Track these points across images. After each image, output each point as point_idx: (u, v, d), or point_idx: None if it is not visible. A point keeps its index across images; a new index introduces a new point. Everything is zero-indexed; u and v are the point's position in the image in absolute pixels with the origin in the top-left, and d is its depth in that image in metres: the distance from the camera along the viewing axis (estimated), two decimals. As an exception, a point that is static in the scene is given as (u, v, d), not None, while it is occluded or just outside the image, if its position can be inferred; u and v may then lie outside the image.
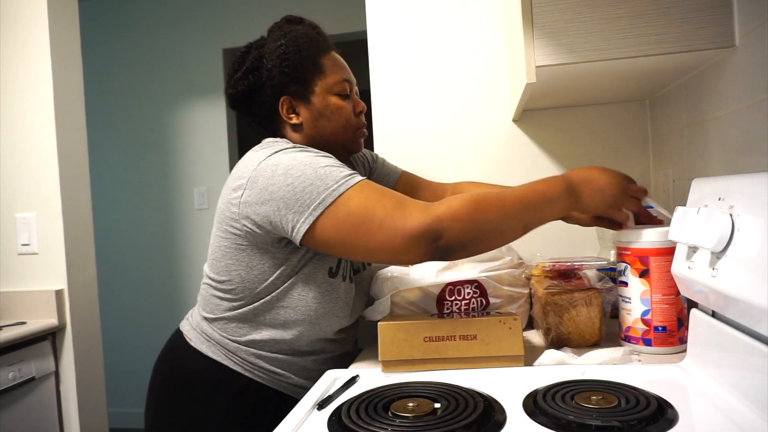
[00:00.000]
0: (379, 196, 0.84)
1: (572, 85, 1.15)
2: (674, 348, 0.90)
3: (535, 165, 1.44)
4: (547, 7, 0.92)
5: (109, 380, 2.14)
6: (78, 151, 1.93)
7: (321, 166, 0.86)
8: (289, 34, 1.01)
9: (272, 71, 0.99)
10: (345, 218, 0.83)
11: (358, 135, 1.05)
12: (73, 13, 1.96)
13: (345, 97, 1.03)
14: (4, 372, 1.58)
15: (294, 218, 0.86)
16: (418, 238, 0.80)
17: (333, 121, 1.01)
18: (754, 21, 0.82)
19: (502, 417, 0.67)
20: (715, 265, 0.68)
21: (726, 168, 0.95)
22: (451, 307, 1.05)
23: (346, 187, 0.84)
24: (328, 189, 0.84)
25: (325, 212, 0.84)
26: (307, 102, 1.00)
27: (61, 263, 1.82)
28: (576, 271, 1.08)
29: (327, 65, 1.02)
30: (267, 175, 0.88)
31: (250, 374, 0.98)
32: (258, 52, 1.02)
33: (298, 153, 0.90)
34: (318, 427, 0.68)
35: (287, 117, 1.01)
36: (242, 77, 1.01)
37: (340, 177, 0.85)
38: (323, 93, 1.01)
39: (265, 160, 0.90)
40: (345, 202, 0.84)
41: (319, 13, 3.10)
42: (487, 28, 1.45)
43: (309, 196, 0.85)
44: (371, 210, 0.82)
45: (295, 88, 1.00)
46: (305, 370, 1.02)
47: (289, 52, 0.99)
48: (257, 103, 1.02)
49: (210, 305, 1.01)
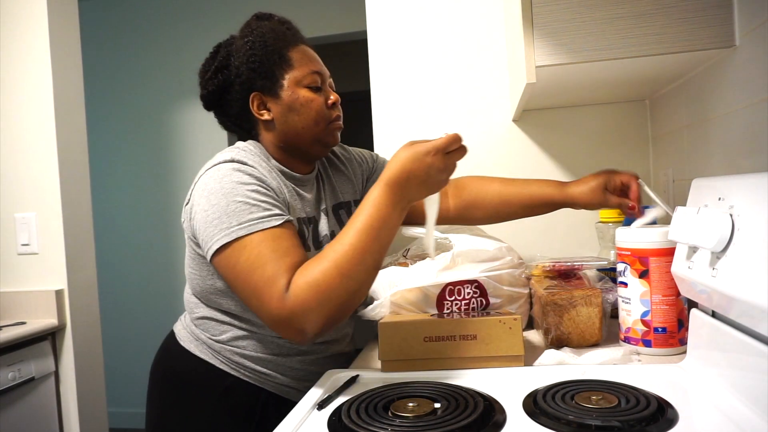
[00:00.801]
0: (267, 260, 0.82)
1: (572, 85, 1.15)
2: (674, 349, 0.90)
3: (535, 165, 1.44)
4: (547, 7, 0.92)
5: (109, 380, 2.13)
6: (78, 151, 1.93)
7: (235, 201, 0.86)
8: (257, 30, 1.00)
9: (240, 68, 0.98)
10: (234, 265, 0.84)
11: (332, 127, 1.03)
12: (73, 13, 1.96)
13: (316, 90, 1.01)
14: (4, 372, 1.58)
15: (203, 244, 0.89)
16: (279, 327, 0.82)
17: (303, 115, 0.99)
18: (754, 21, 0.82)
19: (502, 417, 0.67)
20: (715, 265, 0.68)
21: (726, 168, 0.95)
22: (451, 307, 1.05)
23: (245, 232, 0.84)
24: (229, 228, 0.85)
25: (221, 249, 0.85)
26: (276, 96, 0.99)
27: (61, 263, 1.82)
28: (576, 271, 1.08)
29: (295, 58, 1.00)
30: (197, 194, 0.91)
31: (237, 373, 0.99)
32: (226, 51, 1.01)
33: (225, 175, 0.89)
34: (318, 427, 0.68)
35: (258, 113, 1.00)
36: (212, 77, 1.01)
37: (244, 220, 0.85)
38: (292, 86, 0.99)
39: (204, 175, 0.92)
40: (239, 248, 0.84)
41: (319, 13, 3.10)
42: (487, 28, 1.45)
43: (213, 229, 0.86)
44: (252, 271, 0.82)
45: (263, 83, 0.99)
46: (292, 370, 1.01)
47: (256, 48, 0.98)
48: (228, 101, 1.02)
49: (190, 305, 1.04)
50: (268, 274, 0.81)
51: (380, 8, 1.50)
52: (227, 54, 1.00)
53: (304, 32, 1.09)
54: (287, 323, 0.80)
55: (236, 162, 0.91)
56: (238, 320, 0.99)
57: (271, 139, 1.01)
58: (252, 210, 0.86)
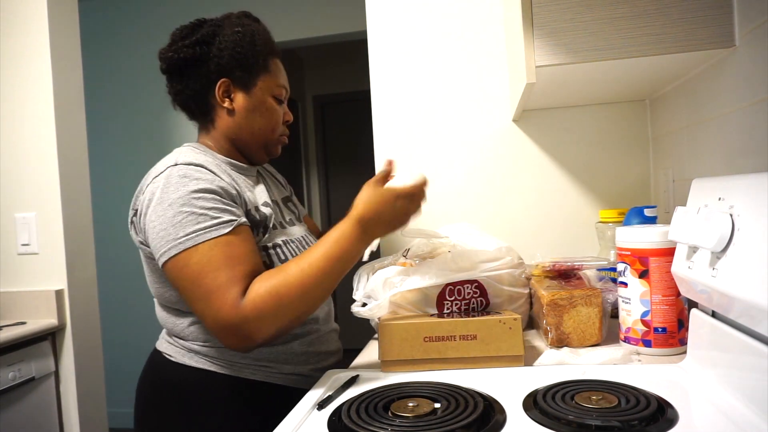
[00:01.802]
0: (219, 265, 0.85)
1: (572, 85, 1.15)
2: (674, 349, 0.90)
3: (535, 165, 1.44)
4: (547, 7, 0.92)
5: (109, 380, 2.13)
6: (78, 151, 1.92)
7: (181, 211, 0.87)
8: (248, 26, 1.04)
9: (223, 51, 1.00)
10: (183, 270, 0.86)
11: (280, 140, 1.10)
12: (73, 13, 1.96)
13: (279, 102, 1.07)
14: (4, 372, 1.58)
15: (154, 254, 0.90)
16: (226, 333, 0.84)
17: (265, 119, 1.05)
18: (754, 21, 0.82)
19: (502, 417, 0.67)
20: (715, 265, 0.68)
21: (726, 168, 0.95)
22: (451, 307, 1.05)
23: (192, 243, 0.86)
24: (175, 240, 0.86)
25: (172, 257, 0.87)
26: (247, 92, 1.03)
27: (61, 263, 1.81)
28: (576, 271, 1.08)
29: (273, 68, 1.06)
30: (144, 204, 0.92)
31: (239, 373, 0.97)
32: (212, 30, 1.02)
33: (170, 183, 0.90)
34: (318, 427, 0.68)
35: (221, 99, 1.02)
36: (190, 45, 1.01)
37: (190, 231, 0.86)
38: (264, 90, 1.04)
39: (149, 186, 0.93)
40: (187, 257, 0.86)
41: (320, 13, 3.11)
42: (487, 28, 1.45)
43: (160, 241, 0.88)
44: (203, 276, 0.84)
45: (239, 75, 1.02)
46: (295, 356, 1.01)
47: (245, 42, 1.01)
48: (195, 74, 1.02)
49: (169, 323, 1.01)
50: (221, 280, 0.84)
51: (380, 8, 1.50)
52: (213, 33, 1.02)
53: (304, 32, 1.10)
54: (236, 329, 0.83)
55: (181, 165, 0.92)
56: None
57: (225, 128, 1.04)
58: (199, 220, 0.87)
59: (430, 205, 1.47)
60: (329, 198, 4.70)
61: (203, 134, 1.08)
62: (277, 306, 0.83)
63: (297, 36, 3.17)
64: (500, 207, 1.46)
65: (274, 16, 3.22)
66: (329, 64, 4.65)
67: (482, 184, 1.47)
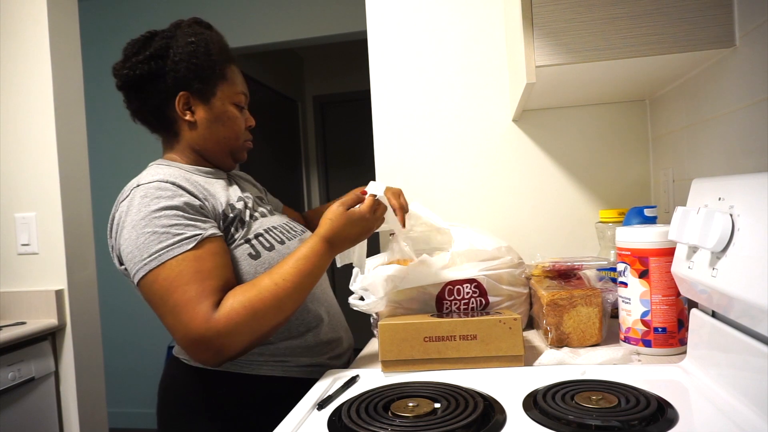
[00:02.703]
0: (188, 280, 0.86)
1: (572, 85, 1.15)
2: (674, 349, 0.90)
3: (535, 165, 1.44)
4: (547, 7, 0.92)
5: (109, 380, 2.13)
6: (78, 151, 1.92)
7: (144, 233, 0.89)
8: (201, 35, 1.03)
9: (178, 64, 1.00)
10: (150, 289, 0.88)
11: (245, 146, 1.11)
12: (73, 13, 1.96)
13: (240, 109, 1.08)
14: (4, 372, 1.58)
15: (129, 275, 0.92)
16: (197, 347, 0.85)
17: (227, 128, 1.05)
18: (754, 21, 0.82)
19: (502, 417, 0.67)
20: (715, 265, 0.68)
21: (726, 168, 0.95)
22: (450, 307, 1.05)
23: (156, 263, 0.87)
24: (141, 261, 0.88)
25: (141, 280, 0.89)
26: (207, 103, 1.03)
27: (61, 263, 1.81)
28: (576, 271, 1.08)
29: (230, 75, 1.06)
30: (115, 228, 0.94)
31: (257, 371, 0.98)
32: (165, 42, 1.01)
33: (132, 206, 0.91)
34: (318, 427, 0.68)
35: (182, 112, 1.02)
36: (144, 61, 1.00)
37: (153, 251, 0.87)
38: (223, 99, 1.04)
39: (118, 208, 0.94)
40: (155, 276, 0.87)
41: (320, 13, 3.11)
42: (487, 28, 1.45)
43: (130, 263, 0.90)
44: (171, 291, 0.86)
45: (198, 87, 1.02)
46: (309, 348, 1.02)
47: (199, 52, 1.01)
48: (153, 90, 1.01)
49: None
50: (191, 294, 0.85)
51: (380, 8, 1.50)
52: (166, 46, 1.01)
53: (304, 32, 1.11)
54: (208, 342, 0.84)
55: (143, 186, 0.93)
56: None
57: (190, 140, 1.05)
58: (161, 239, 0.88)
59: (429, 205, 1.47)
60: (329, 198, 4.70)
61: (168, 149, 1.08)
62: (252, 319, 0.86)
63: (297, 36, 3.17)
64: (500, 207, 1.46)
65: (274, 16, 3.22)
66: (329, 64, 4.64)
67: (482, 184, 1.47)
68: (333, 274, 4.67)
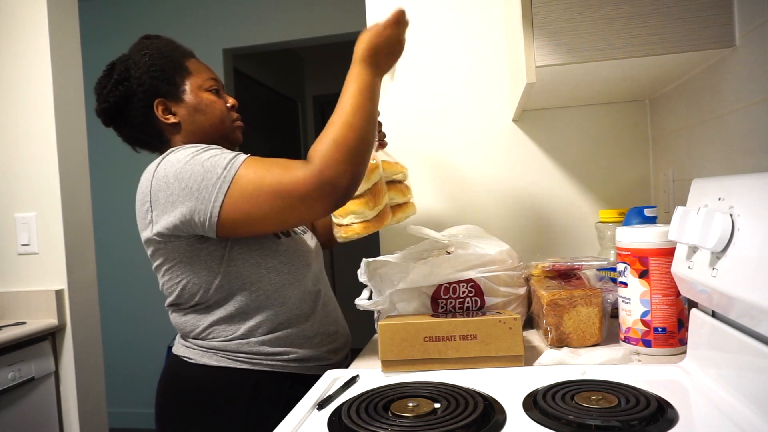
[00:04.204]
0: (266, 167, 0.91)
1: (572, 85, 1.15)
2: (674, 349, 0.90)
3: (535, 165, 1.44)
4: (547, 7, 0.92)
5: (109, 380, 2.13)
6: (78, 151, 1.93)
7: (205, 159, 0.92)
8: (151, 45, 1.08)
9: (142, 77, 1.04)
10: (241, 195, 0.90)
11: (235, 126, 1.12)
12: (73, 13, 1.95)
13: (216, 93, 1.09)
14: (4, 372, 1.58)
15: (201, 215, 0.91)
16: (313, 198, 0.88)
17: (209, 114, 1.07)
18: (754, 21, 0.82)
19: (502, 417, 0.67)
20: (715, 265, 0.68)
21: (726, 168, 0.95)
22: (445, 306, 1.05)
23: (234, 169, 0.91)
24: (219, 177, 0.90)
25: (225, 198, 0.90)
26: (180, 101, 1.06)
27: (61, 263, 1.81)
28: (576, 271, 1.08)
29: (192, 67, 1.09)
30: (163, 188, 0.94)
31: (259, 366, 0.99)
32: (123, 65, 1.06)
33: (180, 155, 0.95)
34: (318, 427, 0.68)
35: (164, 118, 1.05)
36: (112, 89, 1.05)
37: (225, 163, 0.91)
38: (194, 90, 1.07)
39: (155, 176, 0.95)
40: (237, 182, 0.90)
41: (320, 13, 3.11)
42: (487, 28, 1.45)
43: (206, 190, 0.91)
44: (262, 181, 0.89)
45: (167, 89, 1.05)
46: (308, 340, 1.04)
47: (155, 58, 1.06)
48: (132, 111, 1.06)
49: (188, 326, 1.03)
50: (278, 170, 0.90)
51: (380, 8, 1.50)
52: (125, 68, 1.06)
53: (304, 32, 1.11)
54: (320, 187, 0.88)
55: (169, 155, 0.96)
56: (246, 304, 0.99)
57: (183, 140, 1.07)
58: (223, 155, 0.93)
59: (430, 205, 1.47)
60: (329, 198, 4.69)
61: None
62: (341, 150, 0.88)
63: (297, 36, 3.17)
64: (500, 207, 1.46)
65: (274, 16, 3.22)
66: (329, 64, 4.64)
67: (482, 184, 1.47)
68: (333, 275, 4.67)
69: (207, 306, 1.00)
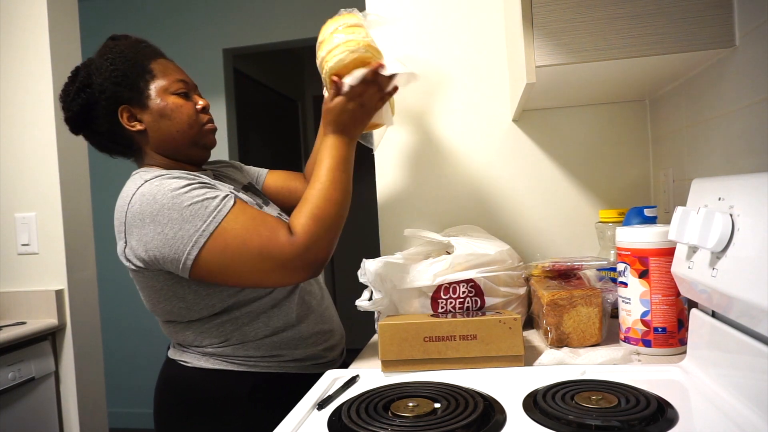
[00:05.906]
0: (254, 226, 0.90)
1: (572, 85, 1.15)
2: (674, 349, 0.90)
3: (535, 165, 1.44)
4: (547, 7, 0.92)
5: (109, 380, 2.13)
6: (78, 151, 1.93)
7: (185, 206, 0.89)
8: (114, 48, 1.03)
9: (104, 84, 0.99)
10: (224, 249, 0.89)
11: (206, 129, 1.06)
12: (73, 13, 1.96)
13: (184, 96, 1.04)
14: (4, 372, 1.58)
15: (173, 264, 0.90)
16: (295, 269, 0.91)
17: (175, 120, 1.01)
18: (754, 21, 0.82)
19: (502, 417, 0.67)
20: (715, 265, 0.68)
21: (726, 168, 0.95)
22: (445, 306, 1.05)
23: (220, 218, 0.89)
24: (198, 230, 0.88)
25: (202, 249, 0.88)
26: (145, 107, 1.01)
27: (61, 263, 1.82)
28: (576, 271, 1.08)
29: (157, 69, 1.03)
30: (138, 225, 0.91)
31: (256, 369, 0.99)
32: (86, 71, 1.02)
33: (158, 190, 0.90)
34: (318, 427, 0.68)
35: (129, 125, 1.01)
36: (75, 97, 1.01)
37: (207, 213, 0.89)
38: (160, 95, 1.01)
39: (129, 209, 0.92)
40: (222, 234, 0.89)
41: (320, 13, 3.10)
42: (487, 28, 1.45)
43: (181, 241, 0.88)
44: (248, 240, 0.89)
45: (130, 95, 1.00)
46: (303, 340, 1.03)
47: (117, 63, 1.00)
48: (96, 119, 1.02)
49: (180, 338, 1.02)
50: (265, 233, 0.89)
51: (380, 8, 1.50)
52: (87, 74, 1.01)
53: (304, 32, 1.10)
54: (302, 259, 0.90)
55: (148, 182, 0.92)
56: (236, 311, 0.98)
57: (153, 146, 1.03)
58: (205, 204, 0.89)
59: (430, 205, 1.47)
60: (329, 198, 4.69)
61: (141, 164, 1.07)
62: (321, 225, 0.92)
63: (297, 36, 3.17)
64: (500, 207, 1.46)
65: (274, 16, 3.22)
66: (330, 64, 4.63)
67: (482, 184, 1.47)
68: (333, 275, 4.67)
69: (200, 319, 0.99)
